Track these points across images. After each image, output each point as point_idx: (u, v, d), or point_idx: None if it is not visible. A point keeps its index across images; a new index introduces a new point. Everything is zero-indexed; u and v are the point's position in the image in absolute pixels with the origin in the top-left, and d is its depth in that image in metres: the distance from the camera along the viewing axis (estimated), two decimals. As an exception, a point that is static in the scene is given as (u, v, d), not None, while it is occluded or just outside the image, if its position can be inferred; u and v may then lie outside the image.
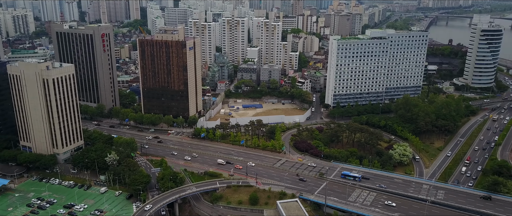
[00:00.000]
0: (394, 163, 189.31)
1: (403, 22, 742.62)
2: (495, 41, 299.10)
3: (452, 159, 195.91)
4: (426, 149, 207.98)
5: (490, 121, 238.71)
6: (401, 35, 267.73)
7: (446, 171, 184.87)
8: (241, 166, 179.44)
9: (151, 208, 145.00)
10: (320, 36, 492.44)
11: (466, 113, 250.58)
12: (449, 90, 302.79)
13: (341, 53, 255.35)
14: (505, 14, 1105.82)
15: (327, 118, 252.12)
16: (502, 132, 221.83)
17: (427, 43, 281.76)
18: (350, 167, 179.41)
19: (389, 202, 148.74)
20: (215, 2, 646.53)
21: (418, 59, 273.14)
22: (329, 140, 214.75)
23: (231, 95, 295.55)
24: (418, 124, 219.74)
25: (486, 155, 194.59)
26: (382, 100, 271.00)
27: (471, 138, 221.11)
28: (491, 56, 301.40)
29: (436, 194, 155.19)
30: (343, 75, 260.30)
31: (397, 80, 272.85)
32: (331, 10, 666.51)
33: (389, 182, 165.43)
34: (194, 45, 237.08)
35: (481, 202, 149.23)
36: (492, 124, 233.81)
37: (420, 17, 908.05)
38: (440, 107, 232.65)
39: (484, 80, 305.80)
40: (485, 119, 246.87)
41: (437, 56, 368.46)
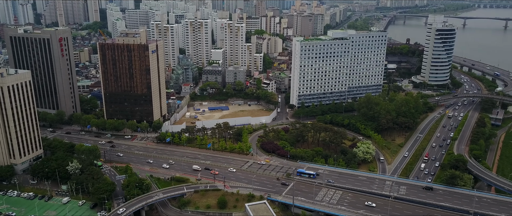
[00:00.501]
0: (358, 160, 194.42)
1: (363, 22, 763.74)
2: (449, 40, 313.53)
3: (413, 155, 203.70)
4: (388, 146, 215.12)
5: (446, 118, 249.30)
6: (362, 36, 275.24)
7: (407, 166, 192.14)
8: (218, 171, 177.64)
9: (125, 211, 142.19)
10: (283, 37, 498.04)
11: (424, 110, 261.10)
12: (408, 87, 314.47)
13: (304, 54, 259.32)
14: (458, 13, 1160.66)
15: (293, 118, 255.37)
16: (457, 127, 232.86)
17: (386, 43, 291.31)
18: (316, 166, 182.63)
19: (369, 202, 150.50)
20: (177, 3, 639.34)
21: (378, 59, 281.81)
22: (295, 140, 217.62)
23: (197, 98, 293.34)
24: (379, 122, 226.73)
25: (443, 152, 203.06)
26: (345, 99, 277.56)
27: (429, 133, 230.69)
28: (446, 54, 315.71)
29: (399, 190, 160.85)
30: (307, 75, 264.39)
31: (359, 79, 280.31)
32: (294, 11, 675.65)
33: (354, 180, 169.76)
34: (157, 48, 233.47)
35: (440, 195, 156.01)
36: (447, 121, 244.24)
37: (379, 17, 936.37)
38: (400, 104, 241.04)
39: (440, 78, 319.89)
40: (442, 115, 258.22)
41: (396, 55, 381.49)
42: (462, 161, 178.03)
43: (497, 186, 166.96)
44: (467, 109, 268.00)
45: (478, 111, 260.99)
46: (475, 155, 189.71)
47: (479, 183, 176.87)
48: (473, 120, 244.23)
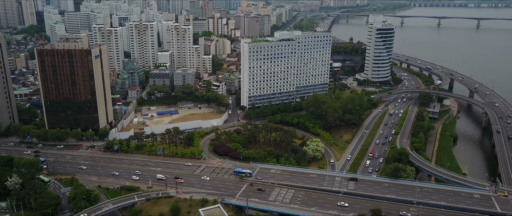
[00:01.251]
0: (308, 158, 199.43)
1: (308, 21, 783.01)
2: (388, 38, 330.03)
3: (359, 151, 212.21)
4: (336, 142, 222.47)
5: (388, 116, 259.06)
6: (307, 36, 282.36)
7: (355, 162, 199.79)
8: (183, 180, 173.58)
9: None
10: (231, 38, 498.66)
11: (369, 106, 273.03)
12: (352, 85, 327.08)
13: (253, 56, 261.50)
14: (396, 11, 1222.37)
15: (244, 120, 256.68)
16: (399, 122, 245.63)
17: (331, 42, 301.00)
18: (269, 167, 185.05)
19: (342, 202, 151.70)
20: (121, 5, 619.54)
21: (323, 58, 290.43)
22: (247, 141, 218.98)
23: (144, 103, 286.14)
24: (327, 119, 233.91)
25: (386, 148, 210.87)
26: (293, 99, 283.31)
27: (374, 128, 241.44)
28: (386, 52, 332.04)
29: (348, 185, 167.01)
30: (256, 76, 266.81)
31: (306, 79, 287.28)
32: (240, 12, 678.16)
33: (305, 178, 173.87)
34: (101, 52, 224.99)
35: (385, 188, 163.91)
36: (389, 119, 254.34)
37: (324, 16, 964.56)
38: (346, 102, 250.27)
39: (382, 74, 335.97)
40: (385, 111, 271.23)
41: (340, 54, 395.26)
42: (405, 154, 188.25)
43: (436, 176, 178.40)
44: (407, 104, 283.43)
45: (417, 105, 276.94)
46: (416, 148, 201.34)
47: (420, 174, 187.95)
48: (413, 114, 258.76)
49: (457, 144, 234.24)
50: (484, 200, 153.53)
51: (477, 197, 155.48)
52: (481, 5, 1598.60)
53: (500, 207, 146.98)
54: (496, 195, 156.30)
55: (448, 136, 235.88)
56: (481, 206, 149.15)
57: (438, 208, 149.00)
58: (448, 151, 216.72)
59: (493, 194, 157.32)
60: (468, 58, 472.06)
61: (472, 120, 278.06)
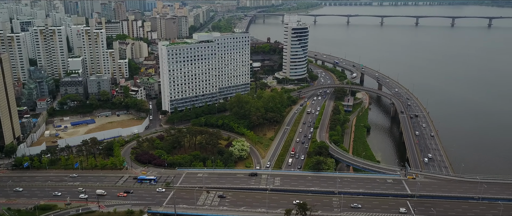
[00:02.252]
0: (235, 159, 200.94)
1: (226, 22, 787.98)
2: (303, 37, 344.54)
3: (283, 147, 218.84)
4: (261, 140, 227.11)
5: (305, 114, 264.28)
6: (226, 37, 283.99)
7: (279, 158, 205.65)
8: (126, 194, 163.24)
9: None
10: (148, 41, 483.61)
11: (289, 103, 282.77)
12: (272, 84, 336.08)
13: (172, 58, 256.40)
14: (309, 10, 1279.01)
15: (167, 125, 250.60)
16: (318, 116, 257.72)
17: (250, 43, 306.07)
18: (195, 171, 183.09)
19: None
20: (22, 8, 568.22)
21: (243, 59, 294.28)
22: (172, 147, 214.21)
23: (56, 113, 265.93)
24: (251, 119, 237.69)
25: (306, 146, 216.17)
26: (217, 100, 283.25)
27: (295, 124, 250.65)
28: (302, 51, 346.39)
29: (274, 181, 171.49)
30: (176, 80, 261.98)
31: (228, 79, 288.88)
32: (156, 13, 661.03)
33: (232, 179, 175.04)
34: (1, 61, 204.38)
35: (309, 181, 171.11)
36: (307, 118, 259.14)
37: (241, 16, 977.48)
38: (267, 101, 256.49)
39: (299, 72, 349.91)
40: (304, 106, 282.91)
41: (259, 54, 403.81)
42: (325, 147, 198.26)
43: (354, 165, 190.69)
44: (324, 99, 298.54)
45: (333, 100, 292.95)
46: (334, 140, 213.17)
47: (340, 165, 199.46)
48: (329, 108, 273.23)
49: (370, 134, 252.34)
50: (396, 184, 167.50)
51: (390, 182, 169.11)
52: (383, 3, 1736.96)
53: (410, 188, 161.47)
54: (406, 178, 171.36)
55: (362, 127, 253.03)
56: (394, 189, 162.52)
57: (357, 195, 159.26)
58: (363, 141, 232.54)
59: (403, 177, 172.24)
60: (375, 52, 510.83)
61: (382, 111, 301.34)
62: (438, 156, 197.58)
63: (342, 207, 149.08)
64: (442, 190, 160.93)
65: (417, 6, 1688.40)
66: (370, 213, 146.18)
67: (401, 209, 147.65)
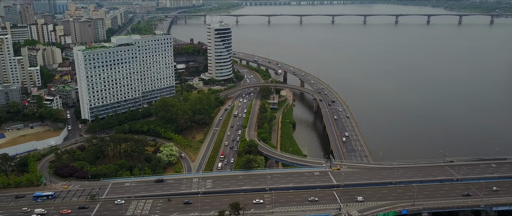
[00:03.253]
0: (163, 165, 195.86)
1: (146, 24, 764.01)
2: (227, 38, 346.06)
3: (213, 149, 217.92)
4: (190, 144, 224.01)
5: (232, 117, 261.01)
6: (147, 40, 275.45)
7: (209, 160, 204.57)
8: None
9: None
10: (61, 46, 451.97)
11: (216, 104, 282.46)
12: (199, 85, 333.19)
13: (89, 63, 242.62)
14: (230, 11, 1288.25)
15: (88, 134, 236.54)
16: (245, 115, 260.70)
17: (172, 44, 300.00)
18: (122, 180, 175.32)
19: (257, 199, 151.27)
20: None
21: (167, 61, 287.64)
22: (95, 157, 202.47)
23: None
24: (178, 122, 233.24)
25: (235, 149, 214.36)
26: (140, 105, 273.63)
27: (224, 125, 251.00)
28: (226, 51, 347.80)
29: (205, 184, 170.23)
30: (96, 86, 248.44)
31: (152, 83, 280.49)
32: (69, 16, 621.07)
33: (162, 185, 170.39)
34: None
35: (241, 180, 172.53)
36: (235, 120, 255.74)
37: (161, 18, 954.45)
38: (195, 103, 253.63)
39: (225, 73, 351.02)
40: (232, 106, 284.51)
41: (183, 55, 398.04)
42: (254, 146, 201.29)
43: (282, 161, 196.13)
44: (251, 98, 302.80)
45: (259, 98, 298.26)
46: (263, 138, 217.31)
47: (269, 161, 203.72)
48: (256, 107, 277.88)
49: (296, 129, 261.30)
50: (323, 175, 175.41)
51: (317, 174, 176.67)
52: (301, 3, 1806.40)
53: (335, 179, 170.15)
54: (331, 169, 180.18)
55: (288, 123, 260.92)
56: (321, 181, 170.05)
57: (287, 190, 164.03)
58: (289, 137, 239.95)
59: (329, 169, 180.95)
60: (297, 51, 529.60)
61: (305, 106, 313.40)
62: (359, 146, 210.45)
63: (274, 203, 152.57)
64: (364, 178, 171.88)
65: (332, 5, 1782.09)
66: (300, 207, 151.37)
67: (328, 198, 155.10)
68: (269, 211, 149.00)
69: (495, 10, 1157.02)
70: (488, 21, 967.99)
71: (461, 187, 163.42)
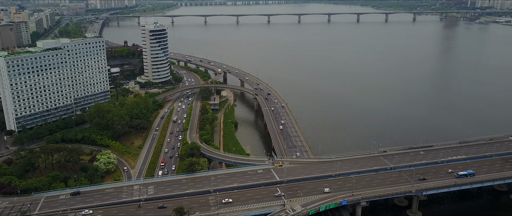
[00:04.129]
0: (101, 173, 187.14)
1: (75, 26, 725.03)
2: (163, 39, 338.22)
3: (153, 153, 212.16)
4: (128, 150, 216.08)
5: (172, 123, 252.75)
6: (77, 43, 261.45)
7: (150, 166, 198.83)
8: None
9: None
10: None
11: (155, 108, 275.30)
12: (135, 89, 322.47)
13: (13, 71, 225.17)
14: (165, 11, 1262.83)
15: (15, 146, 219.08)
16: (186, 118, 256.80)
17: (105, 47, 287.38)
18: (56, 193, 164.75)
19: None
20: None
21: (100, 65, 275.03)
22: (24, 170, 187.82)
23: None
24: (115, 128, 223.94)
25: (176, 155, 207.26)
26: (73, 112, 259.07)
27: (164, 129, 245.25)
28: (163, 53, 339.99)
29: (147, 191, 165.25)
30: (21, 94, 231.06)
31: (84, 89, 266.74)
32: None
33: (101, 195, 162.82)
34: None
35: (184, 184, 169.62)
36: (174, 127, 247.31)
37: (92, 19, 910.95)
38: (132, 107, 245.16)
39: (163, 75, 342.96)
40: (171, 109, 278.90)
41: (117, 58, 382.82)
42: (196, 148, 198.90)
43: (226, 161, 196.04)
44: (191, 100, 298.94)
45: (199, 100, 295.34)
46: (205, 140, 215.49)
47: (212, 163, 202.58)
48: (197, 109, 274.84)
49: (238, 129, 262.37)
50: (266, 173, 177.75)
51: (261, 172, 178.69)
52: (237, 3, 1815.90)
53: (278, 176, 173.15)
54: (274, 166, 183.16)
55: (230, 123, 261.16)
56: (264, 179, 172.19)
57: (232, 190, 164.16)
58: (232, 137, 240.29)
59: (271, 166, 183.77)
60: (235, 51, 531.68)
61: (246, 106, 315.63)
62: (299, 142, 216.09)
63: (219, 205, 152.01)
64: (306, 172, 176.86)
65: (267, 4, 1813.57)
66: (245, 206, 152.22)
67: (272, 195, 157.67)
68: (215, 213, 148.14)
69: (417, 8, 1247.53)
70: (411, 19, 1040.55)
71: (395, 175, 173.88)
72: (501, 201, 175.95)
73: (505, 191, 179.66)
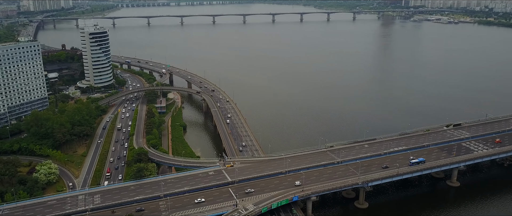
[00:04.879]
0: (42, 185, 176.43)
1: (6, 30, 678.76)
2: (104, 42, 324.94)
3: (98, 161, 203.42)
4: (71, 159, 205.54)
5: (116, 131, 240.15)
6: (9, 48, 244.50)
7: (95, 174, 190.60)
8: None
9: None
10: None
11: (98, 113, 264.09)
12: (76, 95, 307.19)
13: None
14: (105, 13, 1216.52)
15: None
16: (132, 122, 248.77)
17: (41, 52, 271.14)
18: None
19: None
20: None
21: (35, 70, 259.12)
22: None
23: None
24: (55, 137, 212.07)
25: (122, 164, 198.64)
26: (8, 122, 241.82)
27: (108, 135, 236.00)
28: (104, 56, 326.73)
29: (93, 200, 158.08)
30: None
31: (19, 96, 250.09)
32: None
33: (43, 208, 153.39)
34: None
35: (133, 191, 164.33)
36: (119, 135, 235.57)
37: (25, 23, 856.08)
38: (73, 114, 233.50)
39: (105, 79, 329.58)
40: (116, 114, 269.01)
41: (55, 63, 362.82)
42: (144, 153, 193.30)
43: (175, 165, 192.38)
44: (136, 104, 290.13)
45: (145, 103, 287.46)
46: (153, 144, 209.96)
47: (161, 168, 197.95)
48: (143, 113, 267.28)
49: (187, 132, 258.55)
50: (217, 174, 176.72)
51: (212, 174, 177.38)
52: (181, 3, 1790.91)
53: (230, 176, 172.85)
54: (225, 167, 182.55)
55: (178, 126, 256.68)
56: (216, 180, 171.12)
57: (183, 194, 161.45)
58: (181, 140, 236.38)
59: (223, 167, 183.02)
60: (181, 52, 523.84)
61: (194, 108, 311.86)
62: (249, 141, 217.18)
63: (170, 209, 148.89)
64: (257, 171, 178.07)
65: (211, 5, 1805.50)
66: (198, 209, 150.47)
67: (224, 196, 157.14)
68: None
69: (356, 8, 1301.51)
70: (351, 18, 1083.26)
71: (342, 169, 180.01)
72: (438, 187, 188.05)
73: (441, 177, 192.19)
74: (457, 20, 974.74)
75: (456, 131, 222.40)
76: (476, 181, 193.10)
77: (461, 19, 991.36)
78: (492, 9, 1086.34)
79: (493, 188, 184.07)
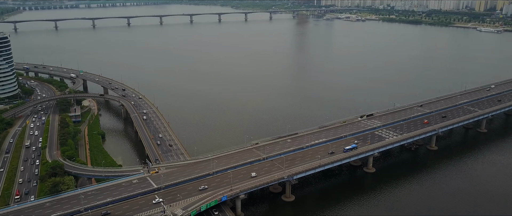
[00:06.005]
0: None
1: None
2: (5, 48, 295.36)
3: (6, 179, 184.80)
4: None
5: (24, 149, 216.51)
6: None
7: (3, 193, 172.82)
8: None
9: None
10: None
11: (3, 127, 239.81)
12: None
13: None
14: (5, 17, 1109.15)
15: None
16: (43, 134, 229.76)
17: None
18: None
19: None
20: None
21: None
22: None
23: None
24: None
25: (34, 183, 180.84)
26: None
27: (16, 150, 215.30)
28: (7, 64, 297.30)
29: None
30: None
31: None
32: None
33: None
34: None
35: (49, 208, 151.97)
36: (28, 153, 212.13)
37: None
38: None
39: (8, 89, 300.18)
40: (24, 127, 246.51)
41: None
42: (59, 166, 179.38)
43: (95, 176, 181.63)
44: (46, 114, 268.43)
45: (57, 113, 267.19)
46: (69, 156, 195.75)
47: (80, 180, 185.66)
48: (55, 123, 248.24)
49: (106, 140, 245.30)
50: (142, 182, 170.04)
51: (136, 182, 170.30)
52: (92, 5, 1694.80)
53: (155, 183, 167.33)
54: (150, 174, 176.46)
55: (96, 135, 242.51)
56: (141, 188, 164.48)
57: (106, 205, 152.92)
58: (100, 149, 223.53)
59: (147, 174, 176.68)
60: (94, 57, 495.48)
61: (113, 114, 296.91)
62: (173, 145, 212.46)
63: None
64: (184, 174, 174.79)
65: (125, 6, 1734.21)
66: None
67: (150, 203, 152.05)
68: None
69: (272, 8, 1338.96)
70: (268, 17, 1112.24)
71: (268, 165, 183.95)
72: (357, 175, 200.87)
73: (359, 165, 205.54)
74: (364, 18, 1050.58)
75: (370, 121, 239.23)
76: (389, 165, 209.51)
77: (367, 17, 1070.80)
78: (393, 7, 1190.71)
79: (404, 171, 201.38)
